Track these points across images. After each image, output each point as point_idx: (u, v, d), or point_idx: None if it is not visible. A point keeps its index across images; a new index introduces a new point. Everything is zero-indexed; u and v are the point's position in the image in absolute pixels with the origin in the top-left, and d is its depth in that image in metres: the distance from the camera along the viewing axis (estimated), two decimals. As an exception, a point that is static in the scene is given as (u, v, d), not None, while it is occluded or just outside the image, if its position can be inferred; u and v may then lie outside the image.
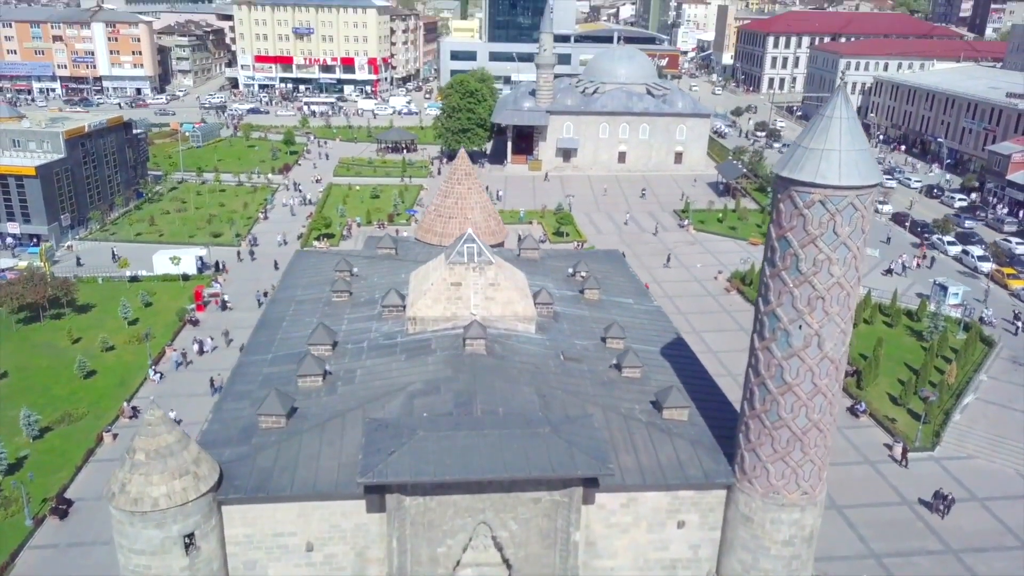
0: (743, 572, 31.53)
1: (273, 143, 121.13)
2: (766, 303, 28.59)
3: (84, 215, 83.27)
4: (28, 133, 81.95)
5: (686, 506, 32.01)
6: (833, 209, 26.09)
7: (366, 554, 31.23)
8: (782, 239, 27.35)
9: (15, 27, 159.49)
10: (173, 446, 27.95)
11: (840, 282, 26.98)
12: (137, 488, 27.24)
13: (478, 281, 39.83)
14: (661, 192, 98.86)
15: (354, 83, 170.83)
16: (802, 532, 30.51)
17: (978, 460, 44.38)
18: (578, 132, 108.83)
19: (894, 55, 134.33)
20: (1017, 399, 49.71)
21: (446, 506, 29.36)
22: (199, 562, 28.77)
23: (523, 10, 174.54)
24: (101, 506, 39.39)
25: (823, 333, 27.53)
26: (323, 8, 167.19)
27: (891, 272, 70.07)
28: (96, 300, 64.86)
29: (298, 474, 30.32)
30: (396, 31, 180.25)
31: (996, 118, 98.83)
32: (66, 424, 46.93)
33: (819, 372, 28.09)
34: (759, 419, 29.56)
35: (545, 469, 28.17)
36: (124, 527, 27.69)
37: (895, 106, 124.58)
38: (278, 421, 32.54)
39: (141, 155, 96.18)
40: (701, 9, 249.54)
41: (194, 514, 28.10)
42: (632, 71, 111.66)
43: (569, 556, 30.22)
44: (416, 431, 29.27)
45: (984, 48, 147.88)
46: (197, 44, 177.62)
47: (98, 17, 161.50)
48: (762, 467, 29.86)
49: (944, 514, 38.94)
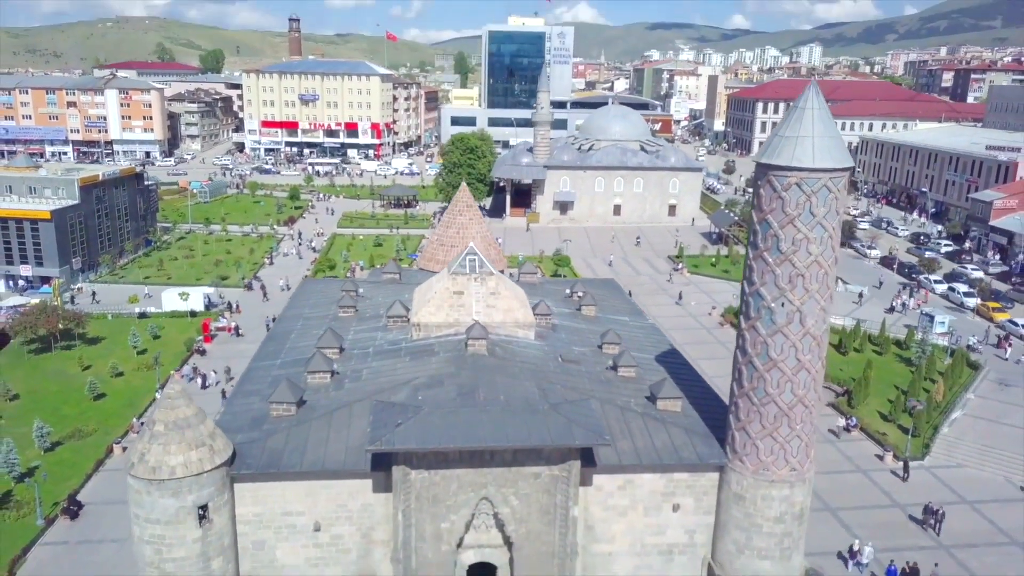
0: (737, 553, 32.52)
1: (278, 199, 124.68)
2: (750, 284, 30.54)
3: (95, 260, 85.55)
4: (44, 180, 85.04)
5: (681, 489, 33.21)
6: (809, 191, 28.33)
7: (371, 535, 32.26)
8: (763, 222, 29.50)
9: (31, 93, 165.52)
10: (191, 419, 29.39)
11: (818, 260, 29.00)
12: (155, 457, 28.56)
13: (479, 290, 41.73)
14: (656, 241, 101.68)
15: (357, 147, 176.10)
16: (792, 509, 31.66)
17: (968, 468, 45.44)
18: (574, 186, 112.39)
19: (878, 115, 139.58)
20: (1005, 415, 51.02)
21: (450, 480, 30.58)
22: (211, 535, 29.83)
23: (520, 79, 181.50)
24: (111, 509, 40.46)
25: (804, 309, 29.40)
26: (328, 76, 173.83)
27: (892, 310, 72.28)
28: (106, 333, 66.47)
29: (307, 455, 31.65)
30: (398, 98, 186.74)
31: (977, 170, 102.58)
32: (76, 439, 47.97)
33: (802, 348, 29.83)
34: (748, 397, 31.14)
35: (544, 439, 29.57)
36: (141, 496, 28.87)
37: (881, 163, 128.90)
38: (288, 409, 33.96)
39: (151, 205, 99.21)
40: (692, 80, 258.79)
41: (208, 485, 29.32)
42: (626, 129, 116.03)
43: (568, 532, 31.27)
44: (422, 408, 30.76)
45: (964, 109, 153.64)
46: (206, 111, 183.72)
47: (112, 84, 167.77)
48: (752, 444, 31.28)
49: (937, 529, 38.94)
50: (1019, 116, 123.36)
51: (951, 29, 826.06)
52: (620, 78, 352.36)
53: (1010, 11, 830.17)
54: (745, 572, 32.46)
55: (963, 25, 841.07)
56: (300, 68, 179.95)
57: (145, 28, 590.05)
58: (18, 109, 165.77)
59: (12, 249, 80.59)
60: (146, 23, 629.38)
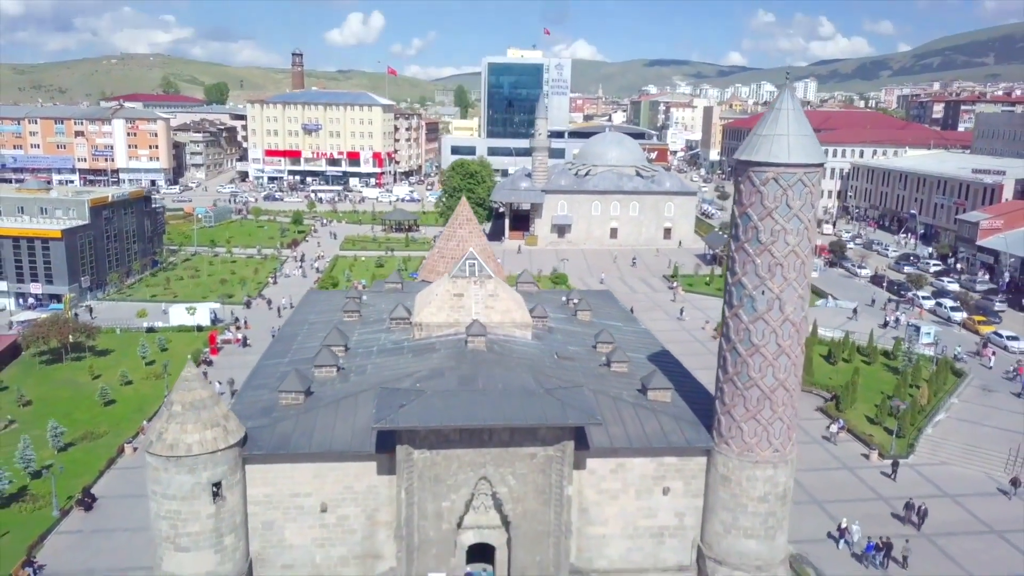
0: (724, 533, 34.10)
1: (282, 224, 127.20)
2: (733, 274, 32.57)
3: (103, 278, 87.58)
4: (55, 201, 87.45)
5: (671, 473, 34.88)
6: (785, 184, 30.49)
7: (376, 517, 33.85)
8: (744, 215, 31.62)
9: (40, 123, 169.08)
10: (206, 400, 31.22)
11: (795, 250, 31.06)
12: (173, 435, 30.32)
13: (479, 292, 43.72)
14: (651, 262, 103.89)
15: (359, 175, 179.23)
16: (776, 489, 33.29)
17: (951, 466, 47.03)
18: (571, 210, 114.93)
19: (869, 143, 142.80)
20: (987, 418, 52.70)
21: (450, 460, 32.28)
22: (224, 511, 31.44)
23: (518, 110, 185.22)
24: (123, 502, 42.04)
25: (783, 297, 31.39)
26: (331, 106, 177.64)
27: (887, 325, 74.16)
28: (114, 346, 68.22)
29: (314, 438, 33.40)
30: (400, 128, 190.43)
31: (964, 193, 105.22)
32: (88, 441, 49.55)
33: (782, 334, 31.76)
34: (732, 382, 32.97)
35: (540, 418, 31.37)
36: (159, 473, 30.54)
37: (872, 188, 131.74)
38: (297, 398, 35.74)
39: (158, 227, 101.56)
40: (688, 112, 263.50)
41: (222, 463, 31.03)
42: (622, 154, 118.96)
43: (563, 511, 32.87)
44: (424, 392, 32.57)
45: (952, 137, 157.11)
46: (210, 140, 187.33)
47: (119, 114, 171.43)
48: (737, 427, 33.04)
49: (919, 525, 39.92)
50: (1005, 142, 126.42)
51: (944, 66, 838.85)
52: (618, 111, 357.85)
53: (1002, 48, 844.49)
54: (732, 552, 34.00)
55: (956, 62, 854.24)
56: (303, 98, 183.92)
57: (149, 65, 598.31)
58: (27, 138, 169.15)
59: (23, 267, 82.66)
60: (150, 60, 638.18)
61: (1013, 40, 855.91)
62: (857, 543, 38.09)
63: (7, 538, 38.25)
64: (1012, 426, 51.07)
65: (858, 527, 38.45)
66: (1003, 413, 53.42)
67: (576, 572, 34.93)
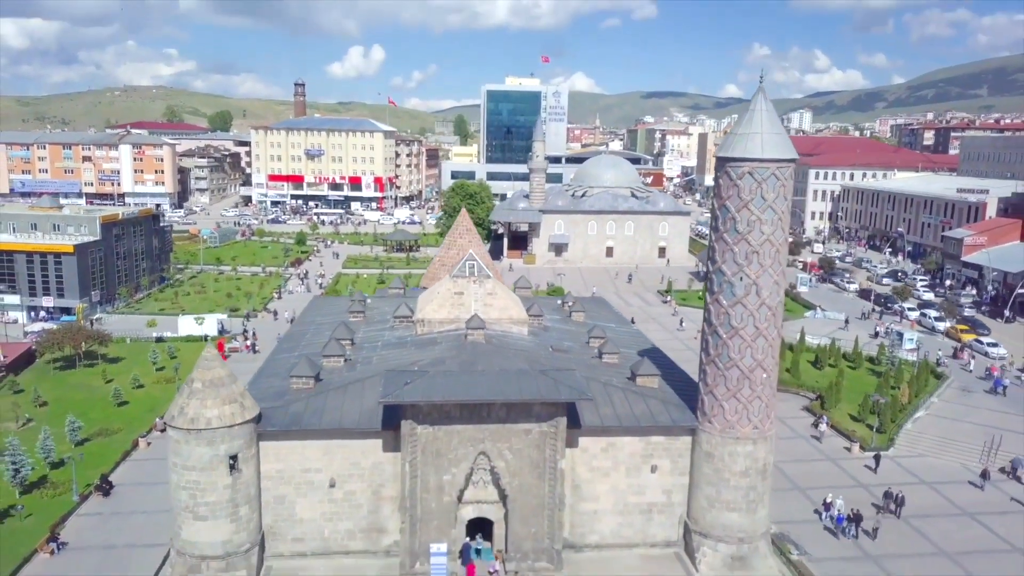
0: (708, 507, 36.32)
1: (285, 244, 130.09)
2: (713, 263, 35.21)
3: (113, 293, 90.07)
4: (68, 218, 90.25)
5: (658, 451, 37.18)
6: (760, 178, 33.24)
7: (381, 492, 36.10)
8: (723, 207, 34.32)
9: (48, 148, 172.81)
10: (224, 379, 33.68)
11: (770, 239, 33.72)
12: (194, 410, 32.71)
13: (478, 291, 46.30)
14: (646, 279, 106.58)
15: (360, 200, 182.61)
16: (756, 464, 35.57)
17: (928, 458, 49.22)
18: (568, 229, 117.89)
19: (859, 166, 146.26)
20: (965, 415, 55.00)
21: (451, 435, 34.60)
22: (240, 483, 33.71)
23: (516, 136, 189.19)
24: (139, 489, 44.18)
25: (760, 282, 33.99)
26: (333, 132, 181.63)
27: (878, 335, 76.54)
28: (125, 355, 70.44)
29: (324, 418, 35.78)
30: (400, 154, 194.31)
31: (950, 212, 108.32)
32: (103, 437, 51.68)
33: (759, 317, 34.30)
34: (714, 363, 35.43)
35: (534, 394, 33.82)
36: (180, 446, 32.87)
37: (861, 209, 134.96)
38: (307, 383, 38.14)
39: (166, 245, 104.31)
40: (684, 139, 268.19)
41: (239, 437, 33.38)
42: (617, 176, 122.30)
43: (556, 484, 35.12)
44: (427, 372, 34.99)
45: (940, 160, 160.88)
46: (215, 165, 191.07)
47: (126, 140, 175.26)
48: (719, 406, 35.42)
49: (897, 513, 41.50)
50: (990, 164, 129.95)
51: (938, 97, 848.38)
52: (615, 140, 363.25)
53: (995, 80, 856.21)
54: (716, 525, 36.16)
55: (950, 94, 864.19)
56: (306, 124, 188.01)
57: (152, 96, 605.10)
58: (35, 163, 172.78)
59: (35, 281, 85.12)
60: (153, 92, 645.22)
61: (1006, 72, 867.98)
62: (842, 516, 40.26)
63: (31, 520, 40.30)
64: (988, 422, 53.35)
65: (841, 501, 40.69)
66: (980, 411, 55.72)
67: (570, 547, 37.04)
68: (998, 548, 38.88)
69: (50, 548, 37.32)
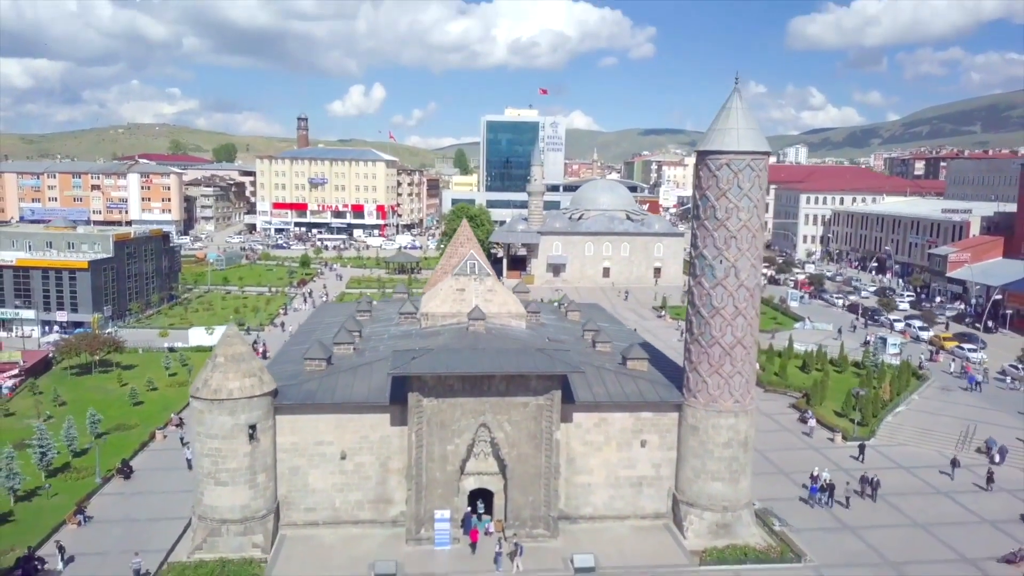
0: (695, 478, 38.87)
1: (289, 267, 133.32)
2: (695, 248, 38.24)
3: (124, 308, 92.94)
4: (82, 236, 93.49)
5: (647, 427, 39.85)
6: (736, 169, 36.43)
7: (388, 465, 38.71)
8: (703, 197, 37.46)
9: (58, 177, 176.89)
10: (245, 354, 36.49)
11: (747, 225, 36.79)
12: (217, 382, 35.47)
13: (478, 287, 49.24)
14: (642, 297, 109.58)
15: (363, 227, 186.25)
16: (738, 436, 38.21)
17: (907, 447, 51.78)
18: (566, 250, 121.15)
19: (849, 191, 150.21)
20: (943, 409, 57.67)
21: (455, 407, 37.30)
22: (258, 452, 36.36)
23: (515, 165, 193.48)
24: (157, 473, 46.72)
25: (739, 265, 36.98)
26: (337, 161, 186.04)
27: (868, 344, 79.20)
28: (138, 363, 73.15)
29: (336, 394, 38.50)
30: (402, 183, 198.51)
31: (936, 231, 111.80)
32: (121, 431, 54.22)
33: (738, 297, 37.22)
34: (697, 342, 38.26)
35: (531, 367, 36.62)
36: (203, 415, 35.57)
37: (851, 232, 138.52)
38: (320, 364, 40.96)
39: (175, 265, 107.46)
40: (680, 170, 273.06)
41: (258, 408, 36.11)
42: (613, 199, 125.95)
43: (552, 454, 37.73)
44: (432, 349, 37.81)
45: (927, 185, 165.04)
46: (220, 194, 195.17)
47: (134, 169, 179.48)
48: (702, 382, 38.17)
49: (873, 496, 43.45)
50: (976, 187, 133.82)
51: (932, 134, 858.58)
52: (612, 173, 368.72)
53: (988, 117, 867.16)
54: (702, 494, 38.65)
55: (944, 130, 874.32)
56: (310, 154, 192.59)
57: (155, 134, 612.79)
58: (44, 192, 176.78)
59: (50, 296, 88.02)
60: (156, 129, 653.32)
61: (999, 109, 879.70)
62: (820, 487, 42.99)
63: (57, 498, 42.79)
64: (965, 415, 56.00)
65: (827, 474, 43.37)
66: (958, 406, 58.38)
67: (565, 518, 39.45)
68: (968, 520, 41.35)
69: (77, 520, 39.74)
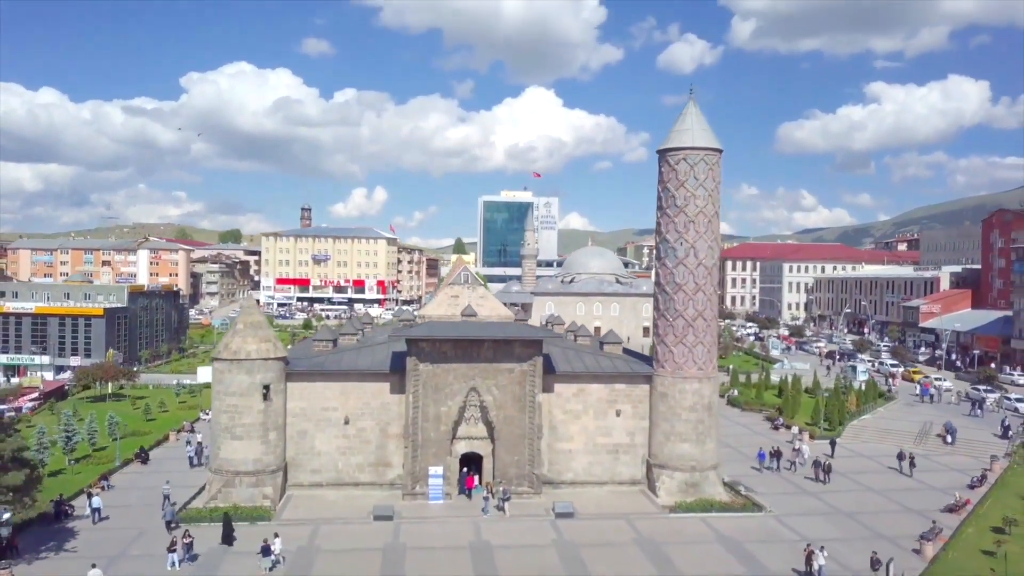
0: (665, 441, 42.97)
1: (293, 330, 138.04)
2: (659, 234, 43.61)
3: (135, 356, 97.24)
4: (99, 288, 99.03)
5: (621, 398, 44.21)
6: (692, 163, 42.23)
7: (387, 430, 42.89)
8: (664, 189, 43.13)
9: (71, 253, 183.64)
10: (261, 322, 41.41)
11: (703, 211, 42.30)
12: (236, 344, 40.19)
13: (471, 294, 54.36)
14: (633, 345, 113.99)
15: (363, 302, 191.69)
16: (702, 401, 42.56)
17: (869, 444, 55.62)
18: (559, 310, 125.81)
19: (830, 259, 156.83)
20: (904, 416, 61.91)
21: (448, 372, 41.79)
22: (271, 411, 40.72)
23: (511, 242, 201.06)
24: (171, 462, 50.49)
25: (697, 246, 42.29)
26: (340, 239, 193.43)
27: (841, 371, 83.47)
28: (148, 396, 77.13)
29: (342, 364, 43.01)
30: (403, 261, 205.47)
31: (910, 288, 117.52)
32: (137, 436, 57.99)
33: (698, 275, 42.35)
34: (664, 317, 43.13)
35: (516, 334, 41.31)
36: (223, 375, 40.10)
37: (833, 296, 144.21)
38: (327, 346, 45.63)
39: (184, 320, 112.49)
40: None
41: (272, 370, 40.69)
42: (603, 264, 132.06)
43: (535, 415, 41.96)
44: (428, 321, 42.61)
45: (903, 255, 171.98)
46: (225, 271, 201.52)
47: (144, 246, 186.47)
48: (669, 352, 42.84)
49: (826, 479, 46.21)
50: (947, 253, 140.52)
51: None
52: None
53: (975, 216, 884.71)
54: (672, 456, 42.56)
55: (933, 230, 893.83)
56: (314, 232, 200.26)
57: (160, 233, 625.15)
58: (57, 267, 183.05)
59: (65, 342, 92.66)
60: (161, 228, 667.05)
61: (985, 209, 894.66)
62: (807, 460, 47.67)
63: (81, 475, 46.49)
64: (924, 419, 60.09)
65: (807, 447, 47.57)
66: (918, 415, 62.54)
67: (548, 483, 43.15)
68: (919, 488, 45.06)
69: (101, 485, 43.40)
